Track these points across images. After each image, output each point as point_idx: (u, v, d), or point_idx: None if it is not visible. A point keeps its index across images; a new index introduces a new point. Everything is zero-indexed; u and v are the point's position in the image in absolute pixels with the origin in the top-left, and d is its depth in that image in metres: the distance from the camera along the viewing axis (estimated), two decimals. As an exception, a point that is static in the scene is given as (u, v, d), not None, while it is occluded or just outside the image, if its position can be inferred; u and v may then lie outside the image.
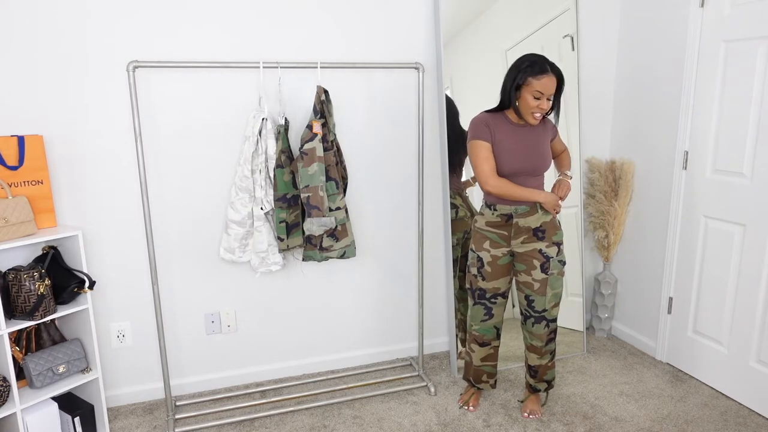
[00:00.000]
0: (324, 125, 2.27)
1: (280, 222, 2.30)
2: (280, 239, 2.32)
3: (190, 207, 2.42)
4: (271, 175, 2.27)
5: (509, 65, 2.64)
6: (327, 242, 2.37)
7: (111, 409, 2.46)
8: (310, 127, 2.24)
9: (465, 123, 2.61)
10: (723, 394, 2.51)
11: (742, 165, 2.34)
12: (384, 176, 2.67)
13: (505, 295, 2.29)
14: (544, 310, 2.22)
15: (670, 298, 2.75)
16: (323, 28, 2.44)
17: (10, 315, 1.98)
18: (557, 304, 2.24)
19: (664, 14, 2.65)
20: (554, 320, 2.25)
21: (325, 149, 2.28)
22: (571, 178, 2.25)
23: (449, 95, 2.56)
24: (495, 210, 2.17)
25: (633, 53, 2.86)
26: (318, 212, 2.23)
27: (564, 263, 2.22)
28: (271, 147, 2.25)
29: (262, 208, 2.30)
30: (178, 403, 2.45)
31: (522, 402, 2.45)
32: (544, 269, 2.17)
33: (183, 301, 2.49)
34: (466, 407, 2.40)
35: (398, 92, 2.60)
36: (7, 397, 1.93)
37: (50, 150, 2.18)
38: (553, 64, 2.02)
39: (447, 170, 2.58)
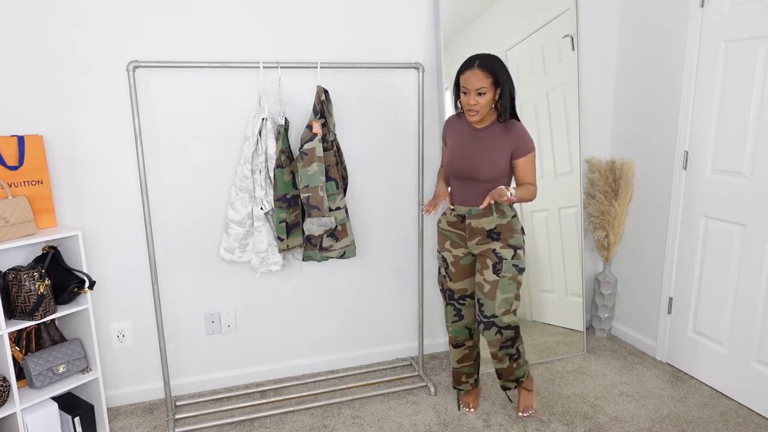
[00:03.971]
0: (324, 125, 2.27)
1: (280, 222, 2.30)
2: (280, 239, 2.32)
3: (190, 207, 2.42)
4: (271, 175, 2.27)
5: (509, 65, 2.65)
6: (327, 242, 2.37)
7: (111, 409, 2.46)
8: (310, 127, 2.24)
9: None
10: (723, 394, 2.51)
11: (742, 165, 2.34)
12: (384, 176, 2.67)
13: (473, 296, 2.25)
14: (494, 316, 2.11)
15: (670, 298, 2.75)
16: (323, 28, 2.44)
17: (10, 315, 1.98)
18: (509, 312, 2.13)
19: (664, 14, 2.65)
20: (508, 327, 2.14)
21: (325, 149, 2.28)
22: (511, 195, 1.95)
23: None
24: (453, 210, 2.17)
25: (633, 53, 2.86)
26: (318, 212, 2.23)
27: (520, 269, 2.11)
28: (271, 147, 2.25)
29: (262, 208, 2.29)
30: (178, 403, 2.45)
31: (514, 402, 2.45)
32: (496, 270, 2.08)
33: (183, 301, 2.49)
34: (466, 408, 2.40)
35: (398, 92, 2.60)
36: (7, 397, 1.93)
37: (50, 150, 2.18)
38: (487, 57, 1.94)
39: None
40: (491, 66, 1.94)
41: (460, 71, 1.98)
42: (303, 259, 2.38)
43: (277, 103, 2.41)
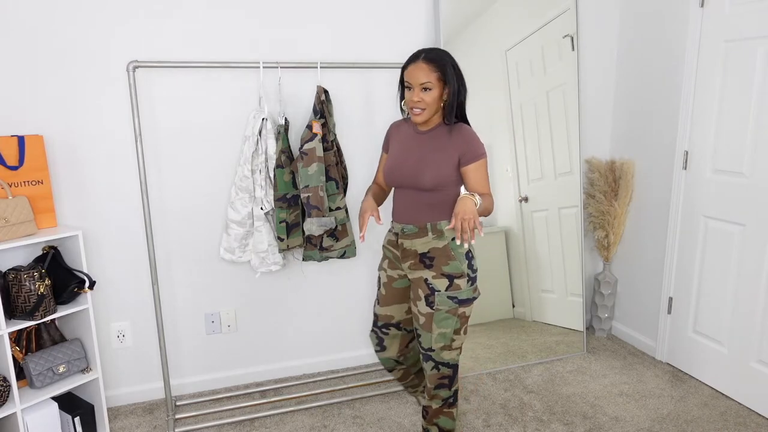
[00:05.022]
0: (324, 125, 2.27)
1: (280, 222, 2.30)
2: (280, 239, 2.32)
3: (190, 207, 2.42)
4: (271, 175, 2.27)
5: (509, 65, 2.65)
6: (327, 242, 2.37)
7: (111, 409, 2.46)
8: (310, 127, 2.24)
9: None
10: (723, 394, 2.51)
11: (742, 165, 2.34)
12: (384, 176, 2.67)
13: (400, 327, 1.97)
14: (431, 349, 1.84)
15: (670, 298, 2.75)
16: (323, 28, 2.44)
17: (10, 315, 1.98)
18: (448, 348, 1.83)
19: (664, 14, 2.65)
20: (447, 365, 1.85)
21: (325, 149, 2.28)
22: (477, 203, 1.66)
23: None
24: (393, 227, 1.92)
25: (633, 53, 2.86)
26: (318, 212, 2.23)
27: (461, 301, 1.78)
28: (271, 147, 2.25)
29: (262, 208, 2.29)
30: (178, 403, 2.45)
31: None
32: (428, 302, 1.80)
33: (183, 301, 2.49)
34: None
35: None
36: (7, 396, 1.93)
37: (50, 150, 2.19)
38: (433, 51, 1.73)
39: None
40: (438, 59, 1.71)
41: (405, 65, 1.76)
42: (303, 259, 2.38)
43: (277, 103, 2.41)
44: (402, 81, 1.81)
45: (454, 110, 1.76)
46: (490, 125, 2.65)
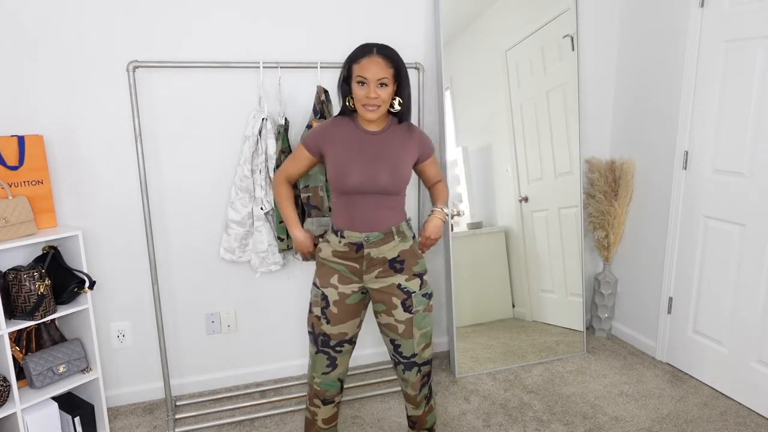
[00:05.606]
0: (324, 125, 2.27)
1: (280, 222, 2.30)
2: (280, 239, 2.32)
3: (190, 207, 2.42)
4: (271, 175, 2.27)
5: (509, 65, 2.65)
6: (327, 242, 2.37)
7: (111, 409, 2.46)
8: (309, 127, 2.24)
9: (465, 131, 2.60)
10: (723, 394, 2.51)
11: (742, 165, 2.34)
12: (384, 176, 2.67)
13: (352, 342, 1.86)
14: (414, 355, 1.82)
15: (670, 298, 2.75)
16: (323, 28, 2.44)
17: (10, 315, 1.98)
18: (428, 345, 1.86)
19: (664, 14, 2.65)
20: (427, 363, 1.88)
21: (325, 149, 2.28)
22: (446, 215, 1.83)
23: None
24: (342, 237, 1.75)
25: (633, 53, 2.86)
26: (318, 212, 2.23)
27: (429, 295, 1.82)
28: (271, 147, 2.25)
29: (262, 208, 2.30)
30: (178, 403, 2.45)
31: None
32: (406, 307, 1.77)
33: (183, 301, 2.49)
34: None
35: (398, 92, 2.60)
36: (7, 396, 1.93)
37: (50, 150, 2.19)
38: (385, 46, 1.66)
39: (447, 170, 2.58)
40: (393, 55, 1.66)
41: (354, 59, 1.65)
42: (303, 259, 2.38)
43: (277, 103, 2.41)
44: (348, 76, 1.69)
45: (410, 108, 1.74)
46: (490, 125, 2.65)
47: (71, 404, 2.19)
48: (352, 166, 1.70)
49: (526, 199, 2.76)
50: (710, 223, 2.50)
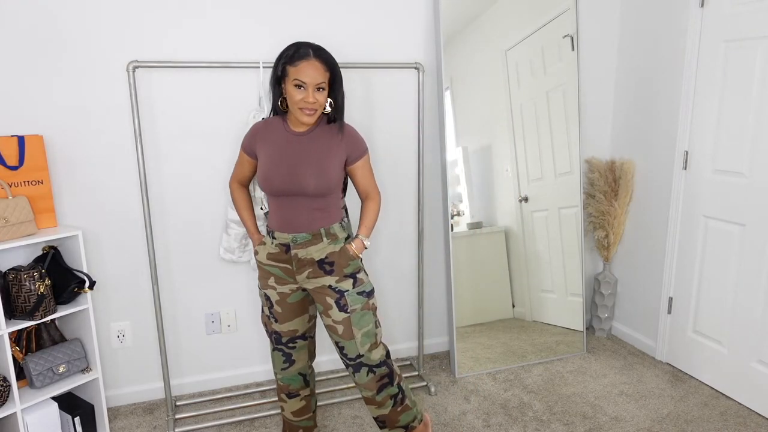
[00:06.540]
0: (324, 125, 2.27)
1: (280, 222, 2.30)
2: (280, 239, 2.31)
3: (190, 207, 2.42)
4: (271, 175, 2.27)
5: (509, 65, 2.65)
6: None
7: (111, 409, 2.46)
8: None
9: (470, 130, 2.61)
10: (723, 394, 2.51)
11: (742, 165, 2.34)
12: (384, 176, 2.67)
13: (305, 337, 1.90)
14: (359, 356, 1.79)
15: (670, 298, 2.75)
16: (323, 28, 2.44)
17: (10, 315, 1.98)
18: (375, 345, 1.80)
19: (664, 14, 2.65)
20: (381, 365, 1.82)
21: (325, 149, 2.28)
22: (365, 248, 1.81)
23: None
24: (274, 238, 1.77)
25: (633, 53, 2.86)
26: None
27: (368, 293, 1.79)
28: (271, 147, 2.25)
29: (262, 208, 2.29)
30: (178, 403, 2.45)
31: None
32: (341, 307, 1.75)
33: (183, 301, 2.49)
34: None
35: (398, 92, 2.60)
36: (7, 397, 1.93)
37: (50, 150, 2.19)
38: (321, 48, 1.65)
39: (446, 170, 2.58)
40: (330, 59, 1.65)
41: (290, 61, 1.62)
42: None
43: (277, 103, 2.41)
44: (281, 78, 1.67)
45: (343, 108, 1.73)
46: (490, 125, 2.65)
47: (71, 404, 2.19)
48: (276, 168, 1.70)
49: (526, 199, 2.76)
50: (710, 223, 2.51)
